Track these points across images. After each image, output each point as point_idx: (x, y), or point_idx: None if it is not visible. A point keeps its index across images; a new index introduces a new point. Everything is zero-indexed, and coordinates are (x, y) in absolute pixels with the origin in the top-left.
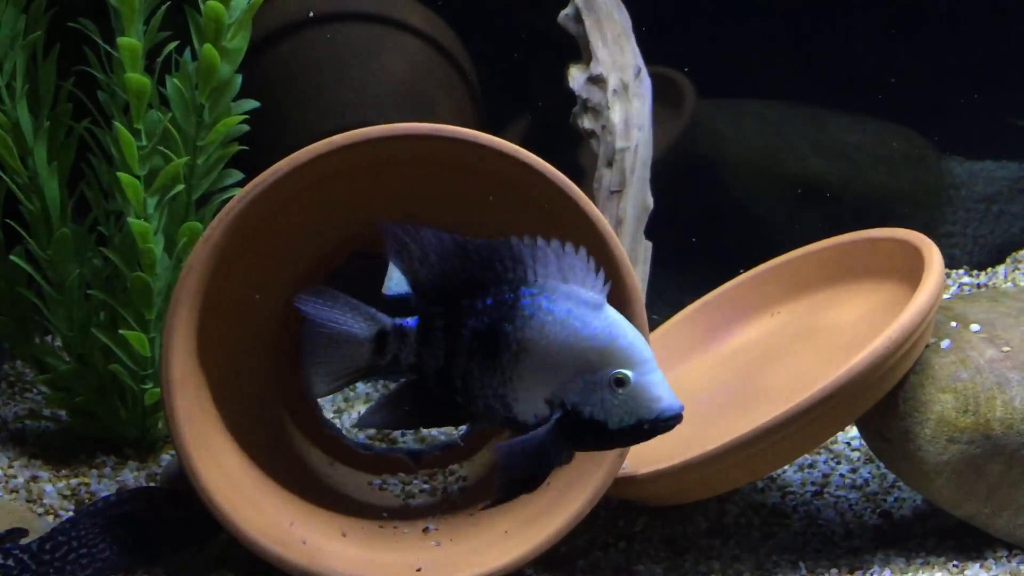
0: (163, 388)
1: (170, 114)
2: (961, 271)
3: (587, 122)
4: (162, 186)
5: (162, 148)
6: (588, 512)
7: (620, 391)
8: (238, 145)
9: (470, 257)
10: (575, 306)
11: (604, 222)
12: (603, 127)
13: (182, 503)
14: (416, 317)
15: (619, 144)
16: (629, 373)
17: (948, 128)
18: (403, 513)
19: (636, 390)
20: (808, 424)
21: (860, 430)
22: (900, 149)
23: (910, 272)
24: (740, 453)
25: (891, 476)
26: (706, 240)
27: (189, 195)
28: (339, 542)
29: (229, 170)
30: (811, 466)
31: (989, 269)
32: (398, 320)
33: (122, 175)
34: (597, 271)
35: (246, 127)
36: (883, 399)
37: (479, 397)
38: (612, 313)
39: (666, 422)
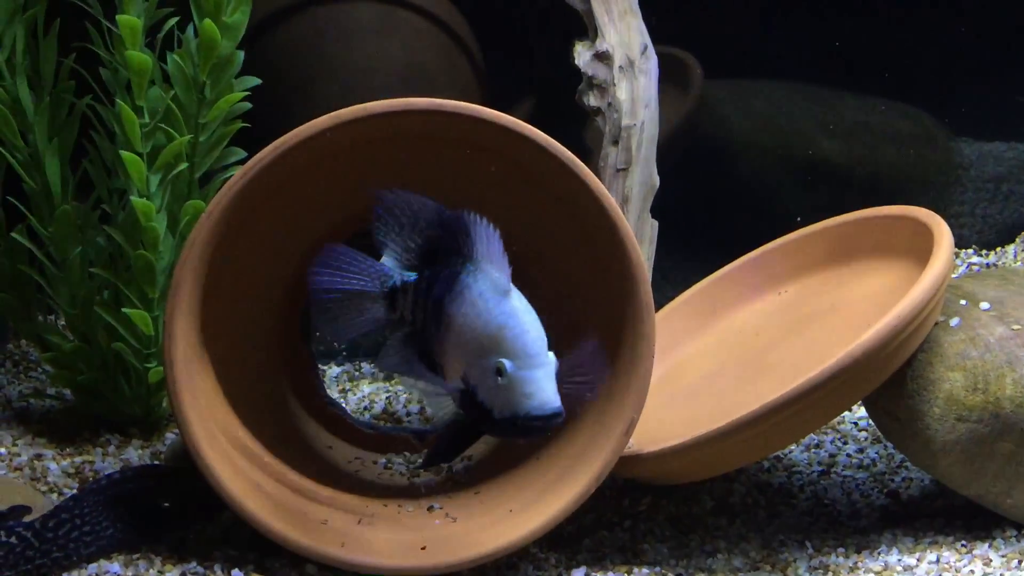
0: (166, 367)
1: (172, 91)
2: (970, 251)
3: (593, 99)
4: (165, 164)
5: (164, 126)
6: (593, 491)
7: (500, 380)
8: (241, 123)
9: (445, 226)
10: (487, 289)
11: (610, 200)
12: (609, 104)
13: (186, 481)
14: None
15: (625, 122)
16: (507, 364)
17: (957, 109)
18: (407, 492)
19: (512, 383)
20: (816, 402)
21: (868, 409)
22: (909, 130)
23: (919, 250)
24: (747, 431)
25: (899, 456)
26: (713, 220)
27: (192, 173)
28: (343, 520)
29: (232, 148)
30: (818, 446)
31: (998, 249)
32: (405, 275)
33: (124, 153)
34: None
35: (248, 104)
36: (891, 378)
37: (436, 360)
38: (516, 302)
39: (533, 422)
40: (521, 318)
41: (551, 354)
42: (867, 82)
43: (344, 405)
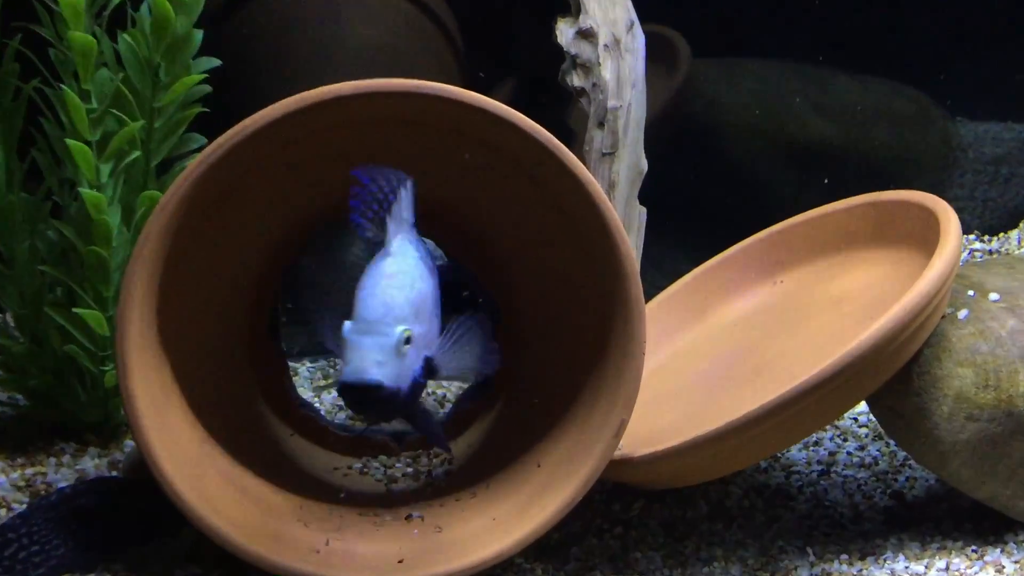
0: (118, 369)
1: (123, 73)
2: (972, 236)
3: (576, 79)
4: (116, 152)
5: (115, 111)
6: (581, 498)
7: (339, 344)
8: (200, 107)
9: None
10: (375, 250)
11: (596, 186)
12: (594, 85)
13: (145, 494)
14: None
15: (611, 103)
16: (346, 326)
17: (954, 87)
18: (384, 500)
19: (343, 347)
20: (818, 402)
21: (870, 406)
22: (905, 109)
23: (924, 237)
24: (744, 433)
25: (901, 454)
26: (701, 204)
27: (147, 161)
28: (315, 533)
29: (191, 134)
30: (816, 444)
31: (1001, 235)
32: None
33: (71, 141)
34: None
35: (207, 88)
36: (896, 374)
37: None
38: (390, 265)
39: (345, 391)
40: (375, 280)
41: (401, 328)
42: (861, 60)
43: (318, 405)
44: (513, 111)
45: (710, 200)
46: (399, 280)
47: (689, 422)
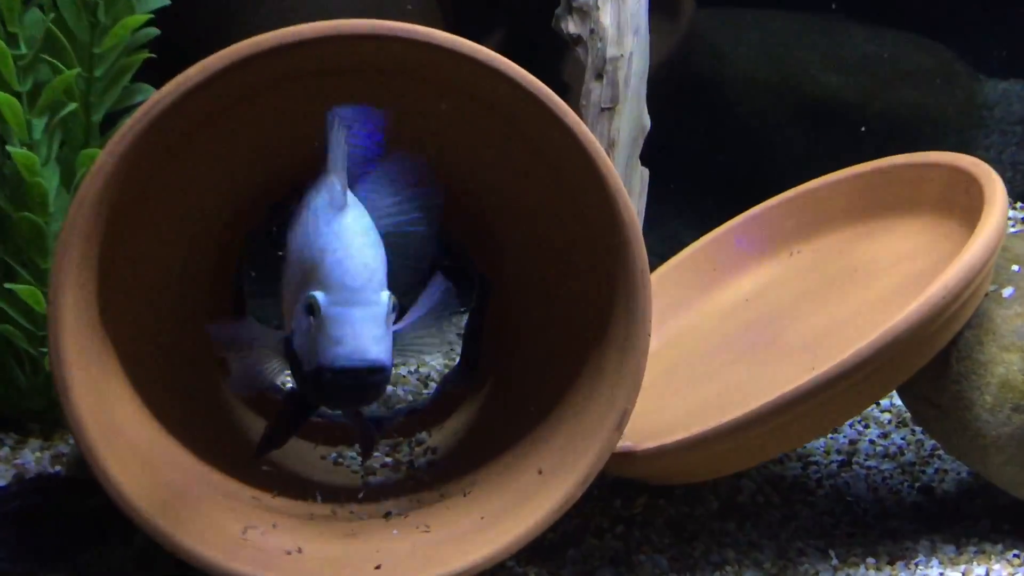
0: (52, 357)
1: (53, 14)
2: None
3: (572, 25)
4: (49, 104)
5: (47, 57)
6: (579, 496)
7: (312, 320)
8: (148, 52)
9: None
10: (322, 205)
11: (596, 144)
12: (591, 31)
13: (92, 493)
14: None
15: (611, 52)
16: (320, 298)
17: (979, 42)
18: (361, 495)
19: (323, 323)
20: (847, 390)
21: (900, 394)
22: (926, 64)
23: (962, 205)
24: (763, 425)
25: (929, 442)
26: (705, 165)
27: (88, 115)
28: (283, 534)
29: (138, 84)
30: (835, 431)
31: None
32: None
33: None
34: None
35: (154, 30)
36: (931, 359)
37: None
38: (350, 219)
39: (340, 377)
40: (347, 239)
41: (386, 294)
42: (876, 10)
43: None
44: (502, 58)
45: (713, 160)
46: (372, 237)
47: (698, 409)
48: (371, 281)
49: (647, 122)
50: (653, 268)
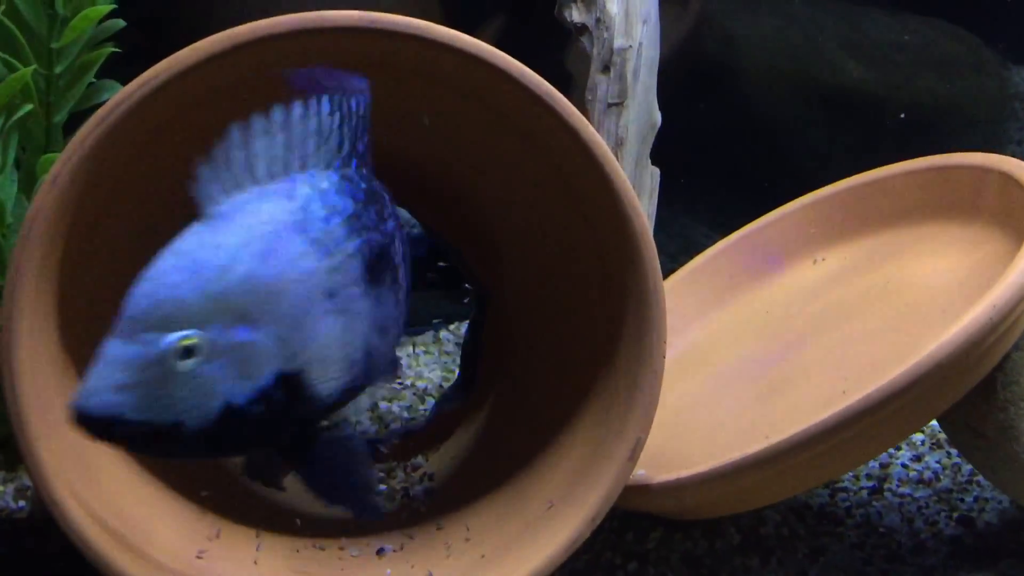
0: (5, 384)
1: (4, 5)
2: None
3: (576, 13)
4: (5, 105)
5: (1, 53)
6: (589, 533)
7: None
8: (112, 46)
9: None
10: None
11: (601, 144)
12: (598, 20)
13: (53, 536)
14: None
15: (618, 42)
16: (112, 331)
17: (1006, 28)
18: (351, 527)
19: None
20: (881, 422)
21: (939, 420)
22: (954, 53)
23: (1007, 212)
24: (788, 460)
25: (966, 467)
26: (717, 161)
27: (48, 116)
28: (258, 570)
29: (104, 81)
30: None
31: None
32: None
33: None
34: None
35: (119, 22)
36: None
37: None
38: (197, 236)
39: (71, 415)
40: (160, 259)
41: (182, 336)
42: None
43: None
44: (499, 52)
45: (725, 155)
46: (200, 259)
47: (717, 436)
48: (153, 315)
49: (658, 118)
50: (663, 271)
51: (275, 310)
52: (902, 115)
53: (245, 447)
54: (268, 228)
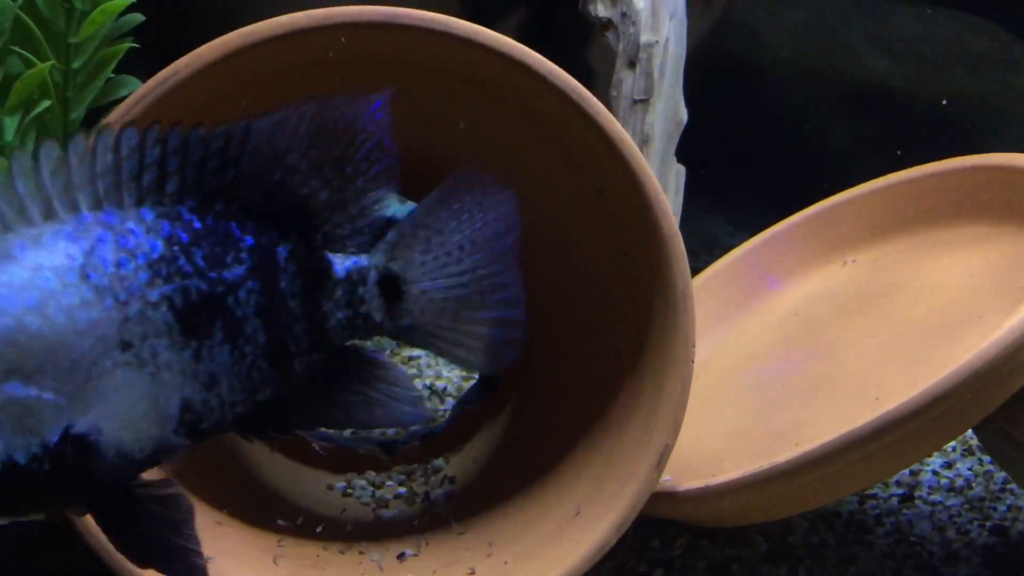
0: None
1: (21, 0)
2: None
3: (602, 8)
4: (22, 101)
5: (18, 48)
6: (616, 540)
7: None
8: (131, 41)
9: None
10: None
11: (629, 142)
12: (623, 15)
13: (65, 541)
14: None
15: (644, 37)
16: None
17: None
18: (372, 531)
19: None
20: (916, 431)
21: (975, 429)
22: (982, 47)
23: None
24: (819, 470)
25: (999, 475)
26: (741, 159)
27: (66, 112)
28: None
29: (122, 77)
30: None
31: None
32: None
33: None
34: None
35: (139, 16)
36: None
37: None
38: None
39: None
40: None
41: None
42: None
43: None
44: (522, 47)
45: (749, 151)
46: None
47: (743, 441)
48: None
49: (684, 115)
50: (695, 274)
51: (54, 363)
52: (944, 102)
53: (40, 507)
54: (42, 275)
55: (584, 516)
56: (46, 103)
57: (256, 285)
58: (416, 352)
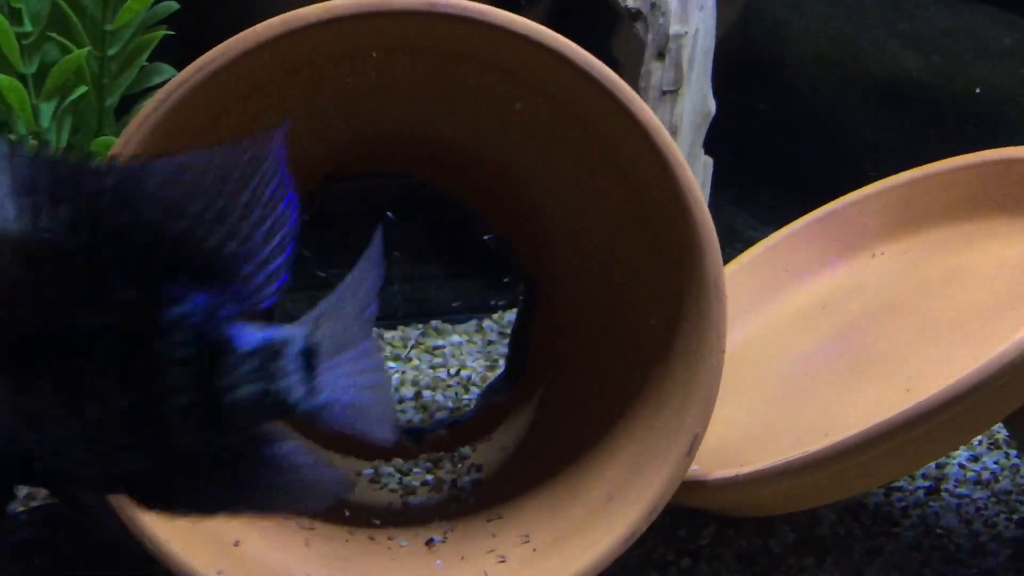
0: None
1: None
2: None
3: None
4: (59, 87)
5: (55, 35)
6: (646, 527)
7: None
8: (165, 29)
9: None
10: None
11: (662, 132)
12: (653, 5)
13: (100, 524)
14: None
15: (674, 28)
16: None
17: None
18: (401, 517)
19: None
20: (948, 422)
21: (1004, 422)
22: (1011, 42)
23: None
24: (849, 460)
25: None
26: (768, 153)
27: (101, 99)
28: (317, 565)
29: (156, 64)
30: None
31: None
32: None
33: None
34: None
35: (174, 3)
36: None
37: None
38: None
39: None
40: None
41: None
42: None
43: None
44: (553, 33)
45: (772, 145)
46: None
47: (772, 432)
48: None
49: (712, 106)
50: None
51: None
52: (978, 90)
53: None
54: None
55: (614, 502)
56: (82, 89)
57: (118, 341)
58: (440, 342)
